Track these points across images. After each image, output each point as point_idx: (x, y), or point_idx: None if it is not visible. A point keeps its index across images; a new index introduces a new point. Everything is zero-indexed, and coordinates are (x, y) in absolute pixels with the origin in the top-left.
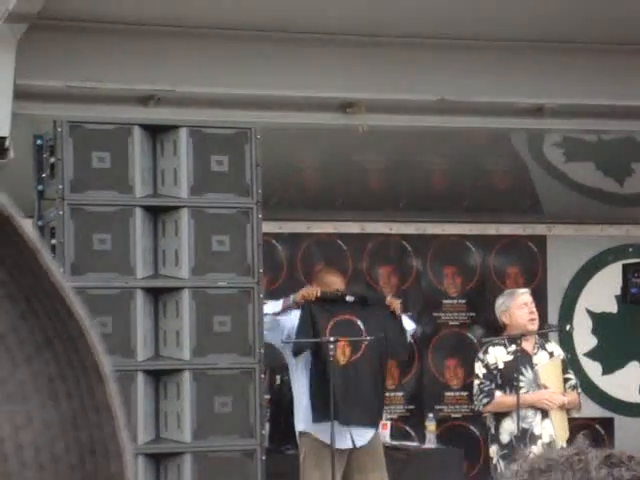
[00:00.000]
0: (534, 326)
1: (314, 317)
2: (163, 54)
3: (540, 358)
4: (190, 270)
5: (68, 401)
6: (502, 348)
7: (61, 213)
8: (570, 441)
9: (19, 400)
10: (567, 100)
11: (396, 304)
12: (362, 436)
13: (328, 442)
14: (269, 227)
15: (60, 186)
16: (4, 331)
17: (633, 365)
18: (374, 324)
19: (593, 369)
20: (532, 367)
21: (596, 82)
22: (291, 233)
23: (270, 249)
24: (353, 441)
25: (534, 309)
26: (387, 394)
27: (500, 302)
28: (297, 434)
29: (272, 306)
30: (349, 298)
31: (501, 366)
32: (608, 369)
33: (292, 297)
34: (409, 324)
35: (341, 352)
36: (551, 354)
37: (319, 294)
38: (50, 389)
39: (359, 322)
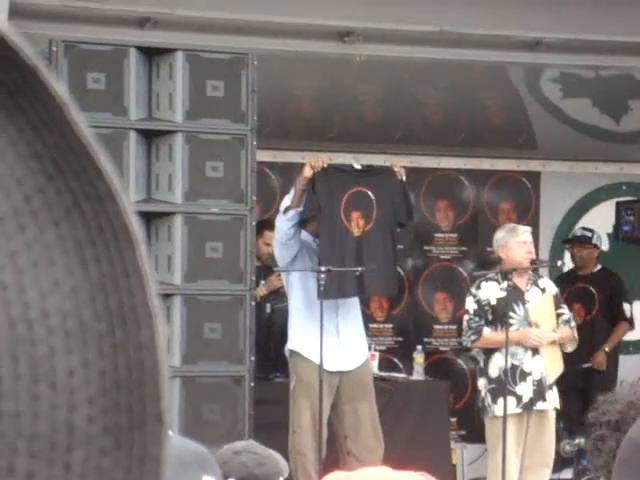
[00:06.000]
0: (528, 263)
1: (327, 190)
2: None
3: (532, 295)
4: (183, 195)
5: (97, 266)
6: (495, 284)
7: None
8: (561, 378)
9: (45, 265)
10: (565, 35)
11: (402, 171)
12: (353, 358)
13: (318, 363)
14: (263, 156)
15: None
16: (30, 193)
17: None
18: (383, 193)
19: None
20: (524, 304)
21: (595, 17)
22: (285, 162)
23: (264, 178)
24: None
25: (532, 249)
26: (376, 325)
27: (500, 236)
28: (288, 353)
29: (286, 200)
30: (357, 166)
31: (493, 302)
32: None
33: (299, 179)
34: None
35: (355, 224)
36: (543, 290)
37: (326, 165)
38: (78, 254)
39: (370, 193)
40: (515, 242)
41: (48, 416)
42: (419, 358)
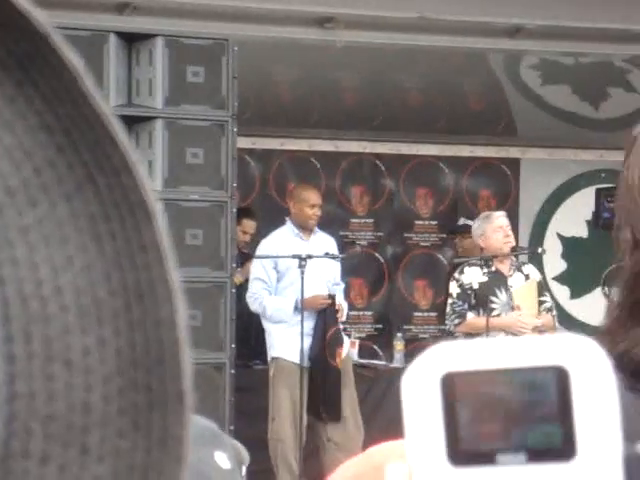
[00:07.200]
0: (509, 249)
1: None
2: None
3: (515, 280)
4: (163, 182)
5: (112, 242)
6: (478, 269)
7: None
8: None
9: (58, 242)
10: (545, 22)
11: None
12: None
13: (299, 362)
14: (242, 142)
15: None
16: (40, 166)
17: (601, 290)
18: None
19: (561, 293)
20: (507, 289)
21: (574, 4)
22: (264, 149)
23: (243, 165)
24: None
25: (509, 232)
26: (356, 313)
27: (476, 226)
28: (269, 359)
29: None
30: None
31: (476, 287)
32: (576, 293)
33: None
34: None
35: (339, 360)
36: (527, 276)
37: None
38: (92, 229)
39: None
40: (491, 229)
41: (63, 396)
42: (399, 345)
